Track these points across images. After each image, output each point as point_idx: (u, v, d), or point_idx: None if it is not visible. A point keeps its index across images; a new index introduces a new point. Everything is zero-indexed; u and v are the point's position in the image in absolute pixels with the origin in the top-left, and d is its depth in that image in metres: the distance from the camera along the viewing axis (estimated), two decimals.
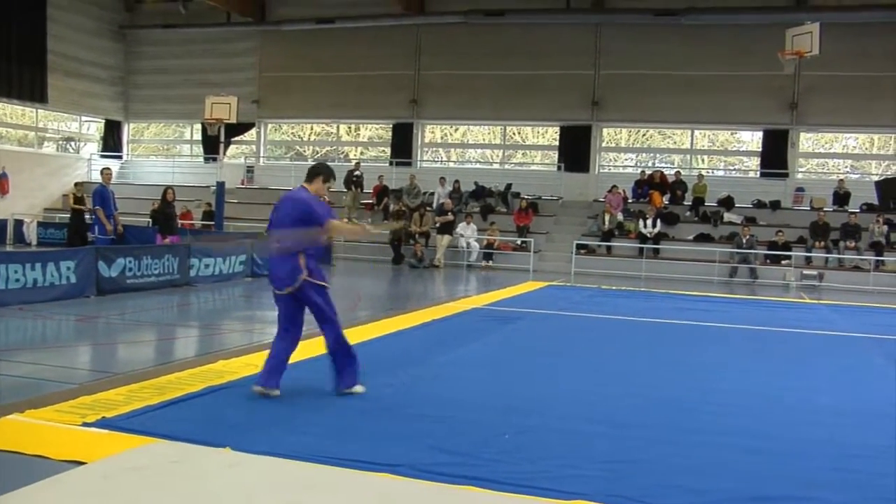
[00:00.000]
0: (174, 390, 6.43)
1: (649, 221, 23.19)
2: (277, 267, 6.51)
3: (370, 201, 26.29)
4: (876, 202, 23.84)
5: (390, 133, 29.14)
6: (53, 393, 6.24)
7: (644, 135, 29.45)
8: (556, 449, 5.29)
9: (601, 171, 27.58)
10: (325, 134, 31.95)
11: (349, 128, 31.47)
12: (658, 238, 23.05)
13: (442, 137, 30.64)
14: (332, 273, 19.49)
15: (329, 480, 4.51)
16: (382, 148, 30.26)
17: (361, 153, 31.19)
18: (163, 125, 33.79)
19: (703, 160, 28.42)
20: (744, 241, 21.80)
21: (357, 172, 26.28)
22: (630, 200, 25.16)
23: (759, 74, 24.09)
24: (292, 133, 32.69)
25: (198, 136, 30.99)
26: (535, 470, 4.81)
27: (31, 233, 24.04)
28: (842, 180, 24.63)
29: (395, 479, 4.55)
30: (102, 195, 15.64)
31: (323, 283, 6.50)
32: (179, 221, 20.15)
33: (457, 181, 25.80)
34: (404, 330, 10.52)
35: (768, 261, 21.98)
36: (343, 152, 30.87)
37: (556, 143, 27.66)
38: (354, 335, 9.64)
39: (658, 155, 29.08)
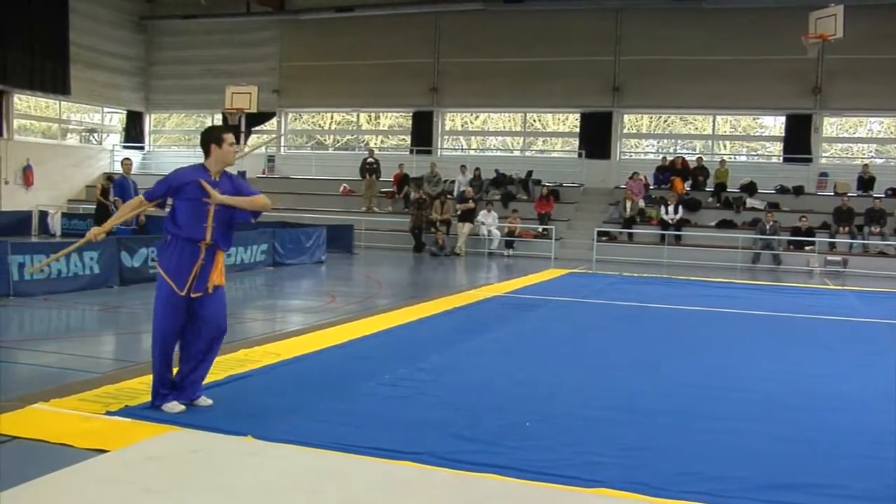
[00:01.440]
0: None
1: (671, 208, 23.05)
2: None
3: (391, 189, 26.32)
4: None
5: (410, 121, 29.12)
6: (77, 382, 6.30)
7: (665, 121, 29.27)
8: (577, 436, 5.28)
9: (622, 157, 27.42)
10: (346, 123, 31.98)
11: (369, 116, 31.47)
12: (680, 224, 22.92)
13: (462, 125, 30.57)
14: (353, 262, 19.57)
15: (350, 469, 4.52)
16: (402, 136, 30.22)
17: (382, 142, 31.21)
18: (184, 115, 33.92)
19: (725, 146, 28.21)
20: (767, 226, 21.62)
21: (370, 160, 26.31)
22: (651, 187, 25.02)
23: (782, 59, 23.79)
24: (313, 122, 32.72)
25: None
26: (556, 458, 4.80)
27: (55, 224, 24.23)
28: (866, 165, 24.36)
29: (417, 466, 4.55)
30: (122, 186, 15.70)
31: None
32: None
33: (477, 169, 25.75)
34: (426, 318, 10.52)
35: (792, 247, 21.79)
36: (363, 141, 30.86)
37: (577, 129, 27.53)
38: (376, 323, 9.76)
39: (679, 141, 28.90)
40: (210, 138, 5.63)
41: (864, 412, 6.28)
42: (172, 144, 34.14)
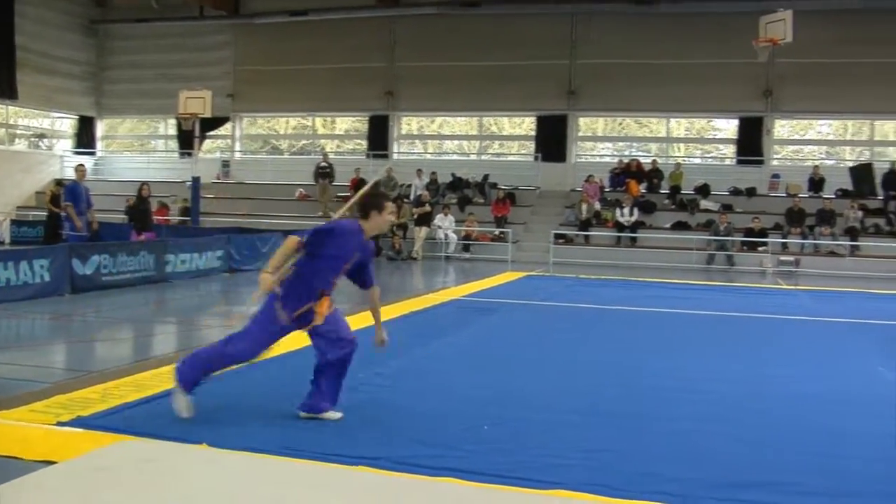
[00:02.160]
0: (152, 387, 6.35)
1: (626, 210, 23.25)
2: None
3: (347, 194, 26.18)
4: (850, 188, 24.00)
5: (366, 125, 29.03)
6: (27, 392, 6.15)
7: (620, 124, 29.50)
8: (537, 439, 5.29)
9: (578, 160, 27.60)
10: (301, 127, 31.79)
11: (325, 121, 31.32)
12: (635, 226, 23.12)
13: (418, 129, 30.55)
14: None
15: (309, 475, 4.47)
16: (359, 140, 30.13)
17: (338, 146, 31.09)
18: (137, 120, 33.46)
19: (679, 148, 28.51)
20: (721, 228, 21.91)
21: (324, 164, 26.20)
22: (607, 189, 25.20)
23: (734, 62, 24.06)
24: (268, 127, 32.47)
25: (172, 130, 30.78)
26: (515, 461, 4.80)
27: (4, 231, 23.75)
28: (816, 167, 24.78)
29: (376, 472, 4.52)
30: (74, 192, 15.40)
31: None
32: (155, 217, 19.98)
33: (434, 173, 25.75)
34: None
35: (745, 247, 22.10)
36: (319, 145, 30.69)
37: (533, 133, 27.68)
38: None
39: (635, 144, 29.14)
40: (374, 204, 5.62)
41: (817, 411, 6.37)
42: (125, 150, 33.68)
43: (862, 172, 24.24)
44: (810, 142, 28.12)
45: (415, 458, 4.77)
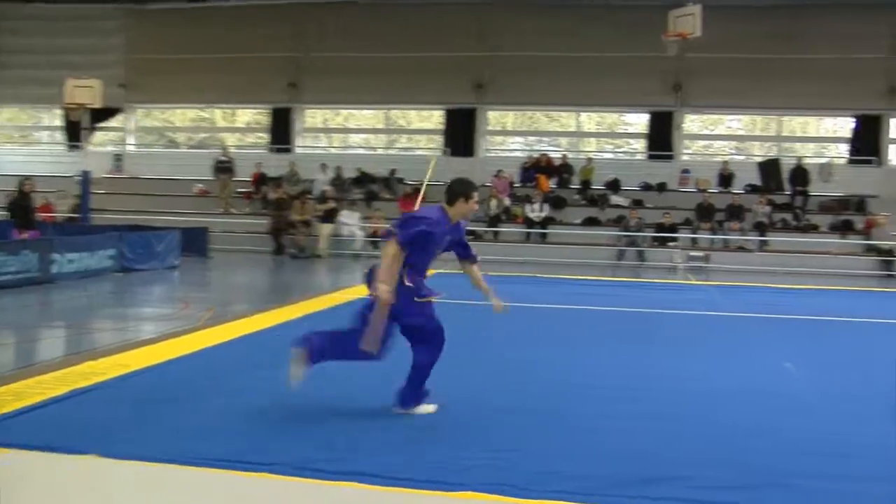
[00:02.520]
0: (34, 395, 6.17)
1: (536, 206, 23.53)
2: None
3: (249, 189, 25.88)
4: (759, 183, 24.80)
5: (269, 118, 28.71)
6: None
7: (531, 118, 29.84)
8: (442, 439, 5.36)
9: (487, 155, 27.82)
10: (200, 120, 31.23)
11: (225, 113, 30.83)
12: (545, 222, 23.41)
13: (323, 122, 30.36)
14: (209, 266, 19.13)
15: (204, 483, 4.43)
16: (261, 134, 29.75)
17: (239, 139, 30.62)
18: (18, 110, 32.31)
19: (590, 143, 28.98)
20: (631, 223, 22.37)
21: (223, 158, 25.85)
22: (517, 185, 25.44)
23: (645, 56, 24.44)
24: (164, 119, 31.78)
25: (59, 121, 29.82)
26: (419, 462, 4.84)
27: None
28: (726, 162, 25.51)
29: (272, 477, 4.51)
30: None
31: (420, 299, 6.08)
32: (39, 214, 19.36)
33: (339, 167, 25.61)
34: (285, 322, 10.37)
35: (655, 243, 22.60)
36: (218, 139, 30.18)
37: (442, 127, 27.79)
38: (232, 330, 9.57)
39: (545, 138, 29.49)
40: (461, 191, 5.98)
41: (727, 406, 6.58)
42: (5, 142, 32.48)
43: (770, 168, 25.05)
44: (720, 137, 28.94)
45: (313, 461, 4.77)
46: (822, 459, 5.22)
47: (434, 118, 28.72)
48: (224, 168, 25.64)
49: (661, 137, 26.28)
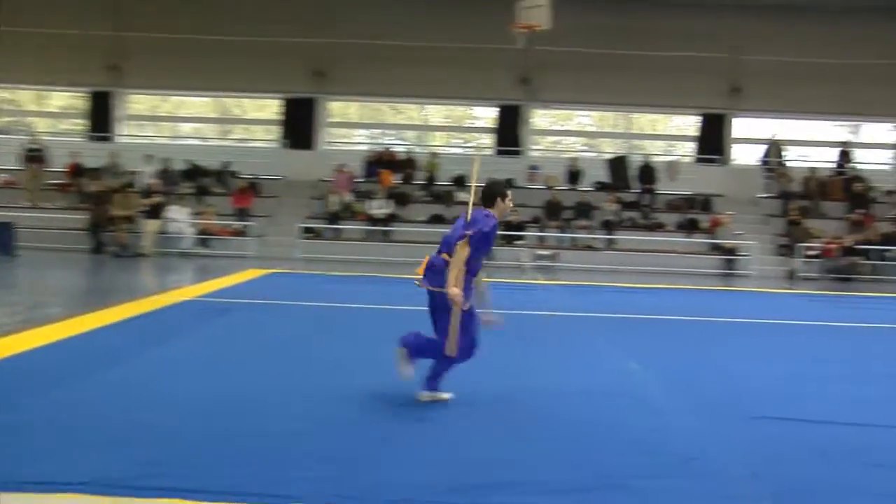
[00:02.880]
0: None
1: (379, 202, 23.15)
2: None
3: (64, 181, 24.39)
4: (608, 180, 25.20)
5: (87, 103, 27.23)
6: None
7: (377, 110, 29.45)
8: (268, 451, 5.11)
9: (329, 148, 27.31)
10: (5, 102, 29.30)
11: (36, 96, 29.08)
12: (389, 220, 23.08)
13: (150, 109, 29.06)
14: (16, 265, 17.91)
15: None
16: (78, 120, 28.18)
17: (53, 126, 28.98)
18: None
19: (438, 137, 28.84)
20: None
21: (33, 146, 24.37)
22: (360, 180, 24.99)
23: (493, 48, 24.49)
24: None
25: None
26: (244, 475, 4.65)
27: None
28: (574, 159, 25.83)
29: (84, 498, 4.26)
30: None
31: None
32: None
33: (167, 159, 24.49)
34: (104, 327, 9.70)
35: (503, 241, 22.60)
36: (27, 124, 28.37)
37: (279, 117, 27.12)
38: (46, 334, 8.94)
39: (391, 131, 29.23)
40: (499, 191, 6.49)
41: (567, 405, 6.59)
42: None
43: (618, 165, 25.52)
44: (569, 133, 29.36)
45: (132, 479, 4.49)
46: (665, 459, 5.25)
47: (271, 108, 27.89)
48: (34, 157, 24.17)
49: (510, 133, 26.42)
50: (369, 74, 25.78)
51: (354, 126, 29.52)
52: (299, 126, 26.34)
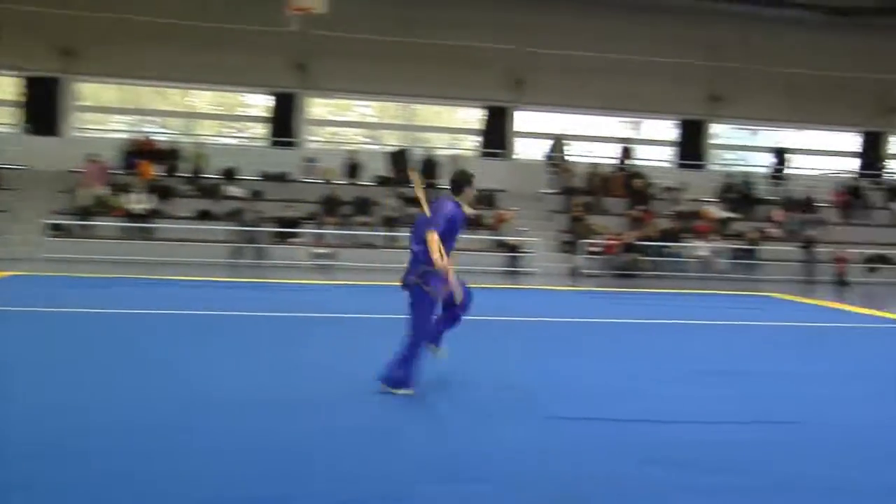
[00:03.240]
0: None
1: (138, 196, 21.83)
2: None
3: None
4: (388, 174, 24.67)
5: None
6: None
7: (137, 93, 27.66)
8: (41, 472, 4.90)
9: (79, 135, 25.52)
10: None
11: None
12: (150, 216, 21.78)
13: None
14: None
15: None
16: None
17: None
18: None
19: (207, 126, 27.48)
20: (249, 217, 21.32)
21: None
22: (116, 171, 23.32)
23: (266, 30, 23.49)
24: None
25: None
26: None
27: None
28: (353, 151, 25.20)
29: None
30: None
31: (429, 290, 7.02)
32: None
33: None
34: None
35: (277, 239, 21.71)
36: None
37: (18, 99, 25.04)
38: None
39: (153, 118, 27.64)
40: (465, 179, 7.28)
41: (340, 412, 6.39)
42: None
43: (398, 158, 25.03)
44: (347, 124, 28.73)
45: None
46: (449, 462, 5.35)
47: (6, 85, 25.52)
48: None
49: (285, 122, 25.65)
50: (125, 54, 24.17)
51: (110, 111, 27.61)
52: (42, 109, 24.35)
